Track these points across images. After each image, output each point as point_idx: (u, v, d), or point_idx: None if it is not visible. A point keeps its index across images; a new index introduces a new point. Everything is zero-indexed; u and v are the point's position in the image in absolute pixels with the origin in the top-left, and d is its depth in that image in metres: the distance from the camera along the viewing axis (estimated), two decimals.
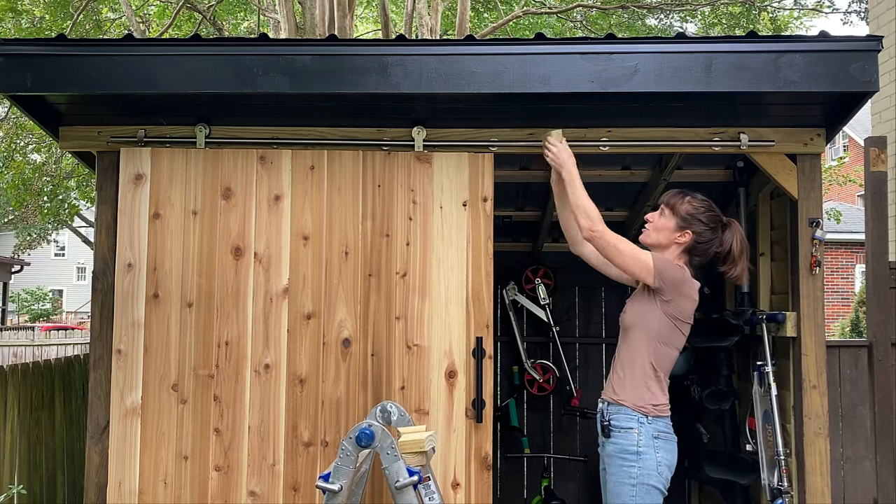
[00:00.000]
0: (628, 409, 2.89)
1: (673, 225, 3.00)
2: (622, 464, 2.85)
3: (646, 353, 2.91)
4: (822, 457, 3.38)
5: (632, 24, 15.70)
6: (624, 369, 2.94)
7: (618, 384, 2.94)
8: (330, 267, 3.39)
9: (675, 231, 3.00)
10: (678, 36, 3.24)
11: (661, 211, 3.06)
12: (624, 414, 2.89)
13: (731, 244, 3.00)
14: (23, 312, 29.07)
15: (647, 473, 2.83)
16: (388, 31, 12.34)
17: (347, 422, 3.32)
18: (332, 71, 3.10)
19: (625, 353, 2.97)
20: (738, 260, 3.01)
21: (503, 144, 3.44)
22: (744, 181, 4.12)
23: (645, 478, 2.83)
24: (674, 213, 3.01)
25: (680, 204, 3.01)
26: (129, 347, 3.35)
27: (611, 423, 2.90)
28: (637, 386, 2.90)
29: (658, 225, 3.04)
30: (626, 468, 2.84)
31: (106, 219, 3.45)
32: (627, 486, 2.83)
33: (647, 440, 2.84)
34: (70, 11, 13.47)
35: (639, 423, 2.86)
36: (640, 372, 2.91)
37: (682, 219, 2.99)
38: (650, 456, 2.83)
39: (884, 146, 4.23)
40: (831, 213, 16.92)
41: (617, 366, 2.99)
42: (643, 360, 2.91)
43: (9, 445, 4.06)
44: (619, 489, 2.85)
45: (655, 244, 3.05)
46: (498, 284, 5.16)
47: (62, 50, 3.15)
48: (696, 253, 3.01)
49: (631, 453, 2.84)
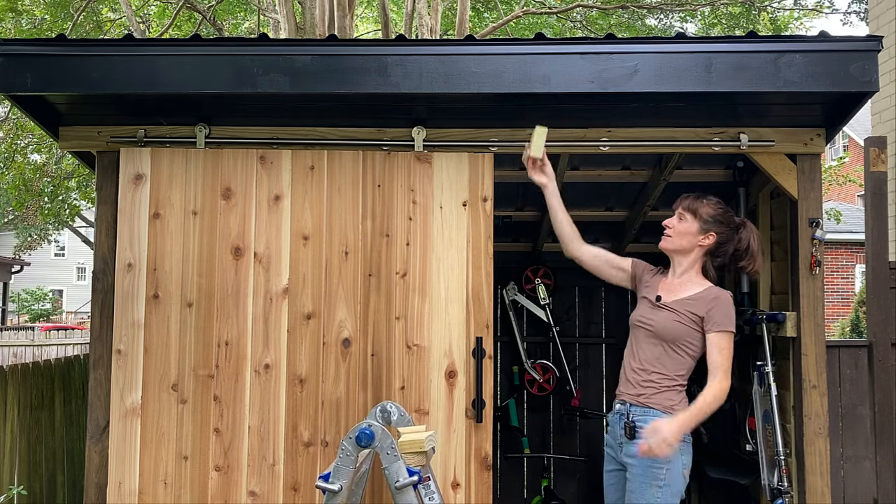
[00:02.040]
0: (658, 412, 2.91)
1: (696, 229, 3.04)
2: (651, 465, 2.86)
3: (680, 365, 2.96)
4: (822, 457, 3.38)
5: (632, 24, 15.69)
6: (656, 373, 2.95)
7: (644, 386, 2.96)
8: (330, 267, 3.39)
9: (697, 234, 3.04)
10: (678, 36, 3.24)
11: (679, 216, 3.08)
12: (653, 417, 2.90)
13: (749, 241, 3.06)
14: (23, 312, 29.07)
15: (675, 476, 2.87)
16: (388, 31, 12.33)
17: (347, 422, 3.32)
18: (332, 71, 3.11)
19: (650, 355, 2.98)
20: (756, 256, 3.07)
21: (503, 144, 3.44)
22: (744, 181, 4.12)
23: (672, 480, 2.86)
24: (696, 217, 3.04)
25: (701, 207, 3.05)
26: (129, 347, 3.35)
27: (636, 424, 2.92)
28: (667, 390, 2.93)
29: (680, 230, 3.06)
30: (655, 470, 2.86)
31: (106, 219, 3.45)
32: (654, 488, 2.85)
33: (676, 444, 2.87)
34: (70, 12, 13.47)
35: None
36: (671, 378, 2.95)
37: (704, 222, 3.04)
38: (677, 459, 2.87)
39: (884, 146, 4.23)
40: (831, 213, 16.91)
41: (641, 366, 2.99)
42: (675, 369, 2.95)
43: (9, 445, 4.06)
44: (644, 490, 2.87)
45: (678, 249, 3.07)
46: (498, 284, 5.16)
47: (62, 50, 3.15)
48: (717, 254, 3.06)
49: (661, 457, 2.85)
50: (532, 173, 3.23)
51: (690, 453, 2.94)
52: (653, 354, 2.97)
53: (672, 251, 3.09)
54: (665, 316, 2.99)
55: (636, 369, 3.00)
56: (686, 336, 2.95)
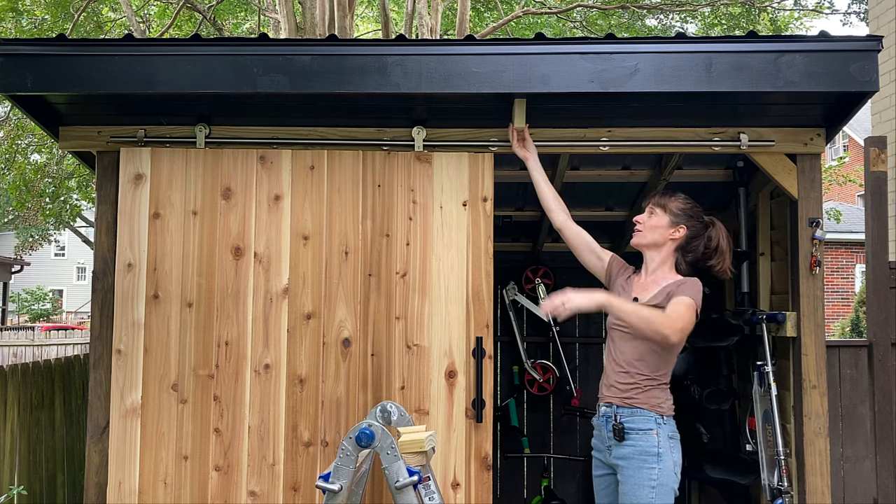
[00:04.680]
0: (645, 410, 2.90)
1: (666, 222, 3.06)
2: (642, 465, 2.86)
3: (659, 359, 2.94)
4: (822, 457, 3.38)
5: (632, 25, 15.69)
6: (638, 374, 2.94)
7: (628, 387, 2.94)
8: (330, 267, 3.39)
9: (668, 228, 3.05)
10: (678, 36, 3.24)
11: (650, 211, 3.10)
12: (640, 416, 2.90)
13: (719, 240, 3.09)
14: (23, 312, 29.07)
15: (667, 475, 2.86)
16: (388, 31, 12.34)
17: (347, 422, 3.32)
18: (332, 71, 3.11)
19: (631, 354, 2.95)
20: (725, 254, 3.09)
21: (503, 144, 3.44)
22: (744, 181, 4.12)
23: (664, 479, 2.85)
24: (665, 210, 3.06)
25: (670, 202, 3.07)
26: (129, 347, 3.36)
27: (625, 425, 2.91)
28: (651, 388, 2.92)
29: (651, 224, 3.08)
30: (647, 470, 2.85)
31: (106, 219, 3.45)
32: (647, 489, 2.84)
33: (665, 441, 2.88)
34: (71, 12, 13.46)
35: (657, 425, 2.89)
36: (653, 375, 2.93)
37: (674, 215, 3.05)
38: (668, 457, 2.87)
39: (884, 146, 4.23)
40: (831, 213, 16.91)
41: (623, 368, 2.96)
42: (656, 364, 2.93)
43: (9, 445, 4.06)
44: (638, 491, 2.85)
45: (650, 244, 3.08)
46: (498, 284, 5.17)
47: (62, 50, 3.15)
48: (688, 250, 3.07)
49: (651, 455, 2.85)
50: (516, 147, 3.35)
51: (680, 450, 2.93)
52: (633, 355, 2.95)
53: (644, 246, 3.10)
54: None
55: (618, 371, 2.98)
56: None
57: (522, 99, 3.25)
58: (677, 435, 2.94)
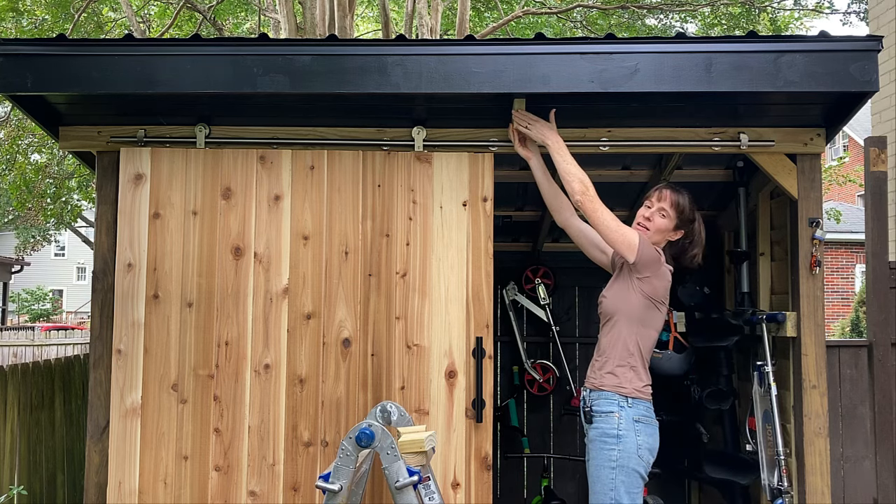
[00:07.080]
0: (608, 392, 2.95)
1: (672, 227, 3.13)
2: (602, 447, 2.90)
3: (627, 336, 2.99)
4: (822, 457, 3.38)
5: (632, 25, 15.69)
6: (604, 355, 3.02)
7: (598, 370, 3.02)
8: (330, 267, 3.39)
9: (672, 231, 3.14)
10: (678, 36, 3.24)
11: (661, 212, 3.12)
12: (604, 399, 2.96)
13: (700, 233, 3.20)
14: (23, 312, 29.07)
15: (628, 456, 2.87)
16: (388, 31, 12.33)
17: (347, 422, 3.32)
18: (332, 71, 3.11)
19: (605, 340, 3.05)
20: (702, 246, 3.21)
21: (503, 144, 3.44)
22: (744, 181, 4.12)
23: (625, 461, 2.87)
24: (676, 217, 3.11)
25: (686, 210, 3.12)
26: (129, 347, 3.36)
27: (592, 408, 2.97)
28: (616, 369, 2.97)
29: (658, 226, 3.12)
30: (607, 451, 2.89)
31: (106, 219, 3.45)
32: (607, 469, 2.88)
33: (627, 423, 2.90)
34: (71, 12, 13.46)
35: (619, 407, 2.92)
36: (621, 355, 2.98)
37: (680, 221, 3.13)
38: (630, 439, 2.88)
39: (884, 146, 4.23)
40: (831, 213, 16.92)
41: (597, 354, 3.07)
42: (624, 342, 2.98)
43: (9, 445, 4.06)
44: (599, 472, 2.90)
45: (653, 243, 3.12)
46: (498, 284, 5.16)
47: (62, 50, 3.16)
48: (674, 244, 3.17)
49: (611, 436, 2.89)
50: (518, 147, 3.36)
51: (651, 434, 2.94)
52: (608, 340, 3.03)
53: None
54: (607, 293, 3.11)
55: (595, 358, 3.09)
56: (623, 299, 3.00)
57: (522, 99, 3.26)
58: (649, 419, 2.95)
